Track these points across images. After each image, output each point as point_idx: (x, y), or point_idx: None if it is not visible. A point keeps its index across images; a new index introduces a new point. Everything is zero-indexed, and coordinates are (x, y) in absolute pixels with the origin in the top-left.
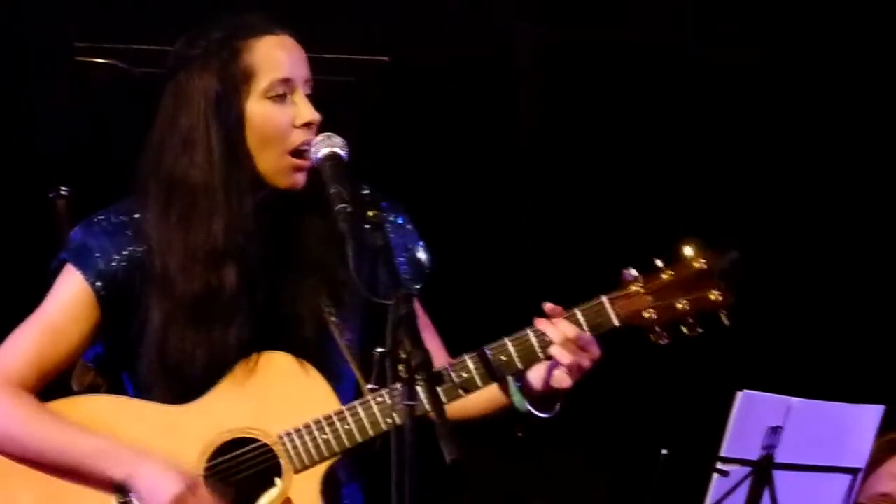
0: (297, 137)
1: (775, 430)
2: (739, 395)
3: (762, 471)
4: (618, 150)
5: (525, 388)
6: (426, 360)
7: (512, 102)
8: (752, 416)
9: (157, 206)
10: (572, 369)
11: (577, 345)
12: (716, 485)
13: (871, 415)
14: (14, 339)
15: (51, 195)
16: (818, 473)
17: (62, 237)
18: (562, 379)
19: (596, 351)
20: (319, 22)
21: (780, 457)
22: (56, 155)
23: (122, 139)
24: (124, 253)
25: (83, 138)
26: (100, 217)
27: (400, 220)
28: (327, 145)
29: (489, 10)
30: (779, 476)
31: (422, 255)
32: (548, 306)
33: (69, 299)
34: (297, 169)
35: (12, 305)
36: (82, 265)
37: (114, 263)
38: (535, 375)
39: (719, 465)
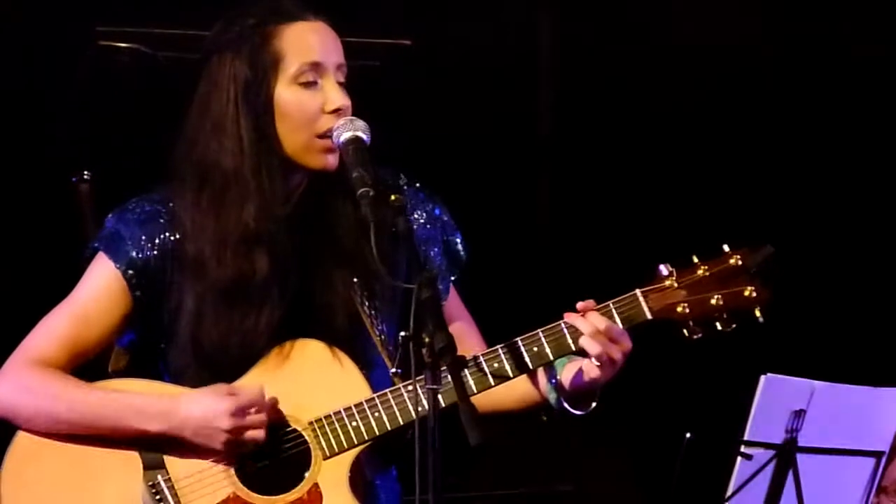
0: (326, 123)
1: (799, 414)
2: (763, 378)
3: (786, 454)
4: (638, 139)
5: (559, 386)
6: (449, 343)
7: (532, 90)
8: (775, 399)
9: (190, 192)
10: (602, 360)
11: (607, 336)
12: (740, 468)
13: (894, 398)
14: (44, 324)
15: (73, 179)
16: (841, 457)
17: (85, 221)
18: (591, 369)
19: (627, 343)
20: (342, 6)
21: (804, 440)
22: (79, 139)
23: (146, 123)
24: (157, 241)
25: (106, 123)
26: (133, 205)
27: (437, 211)
28: (350, 129)
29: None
30: (802, 459)
31: (459, 245)
32: (580, 304)
33: (100, 287)
34: (327, 150)
35: (37, 288)
36: (113, 253)
37: (146, 251)
38: (569, 372)
39: (743, 449)
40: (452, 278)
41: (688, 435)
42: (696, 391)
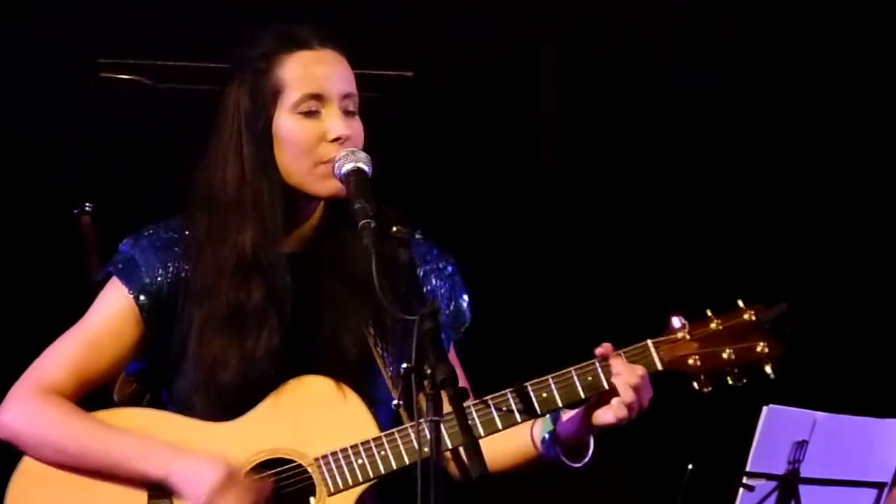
0: (326, 151)
1: (801, 445)
2: (765, 409)
3: (788, 485)
4: (641, 166)
5: (556, 437)
6: (451, 376)
7: (534, 118)
8: (777, 430)
9: (197, 219)
10: (632, 408)
11: (643, 381)
12: (742, 500)
13: None
14: (54, 349)
15: (75, 211)
16: (844, 488)
17: (87, 252)
18: (619, 409)
19: (650, 390)
20: (343, 38)
21: (806, 471)
22: (80, 171)
23: (147, 155)
24: (170, 269)
25: (107, 154)
26: (150, 231)
27: (449, 269)
28: (351, 161)
29: (511, 27)
30: (804, 491)
31: (465, 306)
32: (599, 350)
33: (112, 313)
34: (330, 176)
35: (39, 320)
36: (127, 279)
37: (159, 279)
38: (568, 421)
39: (745, 480)
40: (455, 338)
41: (690, 466)
42: (698, 422)
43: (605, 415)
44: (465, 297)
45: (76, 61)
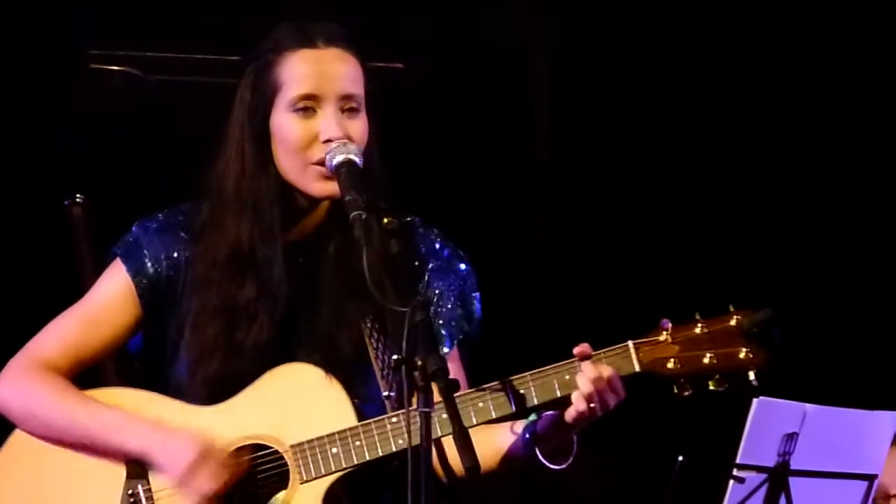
0: (319, 151)
1: (791, 437)
2: (755, 401)
3: (778, 477)
4: (637, 167)
5: (535, 435)
6: (442, 367)
7: (528, 116)
8: (767, 422)
9: (202, 209)
10: (593, 403)
11: (608, 383)
12: (732, 491)
13: (886, 421)
14: (53, 325)
15: (66, 203)
16: (834, 480)
17: (78, 244)
18: (572, 414)
19: (621, 392)
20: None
21: (796, 463)
22: (71, 163)
23: (138, 146)
24: (174, 255)
25: (98, 146)
26: (160, 215)
27: (462, 269)
28: (342, 152)
29: (506, 24)
30: (794, 483)
31: (473, 308)
32: (577, 349)
33: (111, 293)
34: (323, 177)
35: (28, 311)
36: (129, 261)
37: (160, 263)
38: (544, 418)
39: (735, 472)
40: (460, 336)
41: (680, 458)
42: (689, 414)
43: (570, 410)
44: (476, 297)
45: (67, 53)
